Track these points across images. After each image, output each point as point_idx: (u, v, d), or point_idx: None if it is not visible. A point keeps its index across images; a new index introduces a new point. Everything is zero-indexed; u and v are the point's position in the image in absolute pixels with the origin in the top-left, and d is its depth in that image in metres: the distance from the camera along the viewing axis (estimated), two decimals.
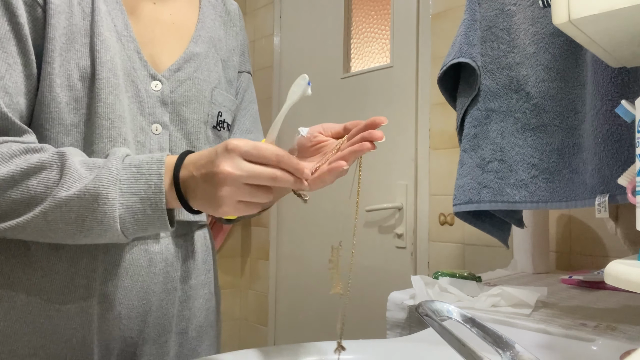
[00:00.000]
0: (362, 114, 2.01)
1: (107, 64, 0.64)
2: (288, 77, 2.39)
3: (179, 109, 0.73)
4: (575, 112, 0.86)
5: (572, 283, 1.07)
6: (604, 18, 0.56)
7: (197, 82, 0.75)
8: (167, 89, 0.71)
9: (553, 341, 0.69)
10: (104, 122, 0.64)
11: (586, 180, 0.82)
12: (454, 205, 1.02)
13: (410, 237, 1.80)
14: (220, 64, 0.81)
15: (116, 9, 0.68)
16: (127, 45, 0.68)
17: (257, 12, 2.59)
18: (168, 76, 0.72)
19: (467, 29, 1.01)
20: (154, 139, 0.70)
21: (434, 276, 0.98)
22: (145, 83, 0.69)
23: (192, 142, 0.75)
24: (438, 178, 1.72)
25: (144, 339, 0.70)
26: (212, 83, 0.77)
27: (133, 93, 0.68)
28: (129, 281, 0.68)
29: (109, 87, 0.64)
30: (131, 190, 0.55)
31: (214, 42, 0.80)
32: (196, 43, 0.76)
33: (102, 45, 0.64)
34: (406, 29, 1.85)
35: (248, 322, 2.57)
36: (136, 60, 0.69)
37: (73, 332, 0.64)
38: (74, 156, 0.56)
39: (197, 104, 0.74)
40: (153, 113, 0.70)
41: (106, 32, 0.65)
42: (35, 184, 0.54)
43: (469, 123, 1.01)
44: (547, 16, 0.88)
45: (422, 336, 0.74)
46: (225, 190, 0.52)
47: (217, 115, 0.78)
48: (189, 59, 0.75)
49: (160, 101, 0.71)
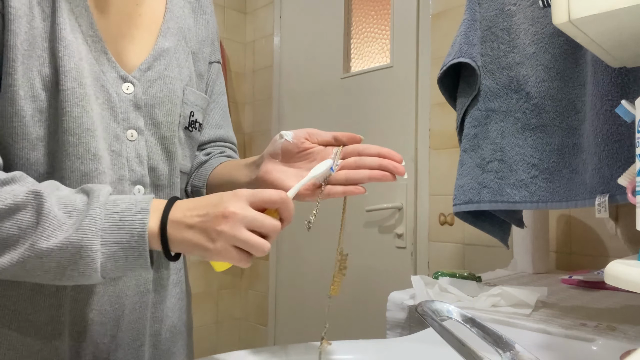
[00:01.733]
0: (362, 113, 2.01)
1: (71, 72, 0.59)
2: (288, 77, 2.39)
3: (151, 112, 0.68)
4: (576, 112, 0.86)
5: (572, 283, 1.07)
6: (604, 18, 0.56)
7: (168, 80, 0.70)
8: (140, 91, 0.67)
9: (553, 341, 0.69)
10: (70, 137, 0.59)
11: (586, 180, 0.82)
12: (454, 205, 1.02)
13: (410, 237, 1.80)
14: (191, 57, 0.76)
15: (80, 5, 0.62)
16: (93, 46, 0.63)
17: (257, 12, 2.59)
18: (139, 77, 0.67)
19: (467, 28, 1.01)
20: (130, 146, 0.66)
21: (434, 276, 0.98)
22: (116, 86, 0.65)
23: (166, 146, 0.71)
24: (438, 178, 1.72)
25: (117, 344, 0.67)
26: (184, 81, 0.73)
27: (104, 99, 0.63)
28: (101, 286, 0.65)
29: (74, 98, 0.59)
30: (113, 238, 0.53)
31: (184, 33, 0.75)
32: (165, 36, 0.71)
33: (66, 51, 0.59)
34: (406, 29, 1.85)
35: (248, 322, 2.58)
36: (104, 61, 0.64)
37: (44, 342, 0.62)
38: (50, 196, 0.52)
39: (170, 105, 0.70)
40: (127, 118, 0.66)
41: (70, 34, 0.60)
42: (9, 225, 0.50)
43: (469, 123, 1.01)
44: (547, 16, 0.88)
45: (422, 336, 0.74)
46: (226, 227, 0.52)
47: (189, 115, 0.74)
48: (159, 56, 0.70)
49: (133, 105, 0.66)
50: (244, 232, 0.52)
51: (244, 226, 0.52)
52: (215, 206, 0.53)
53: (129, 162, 0.66)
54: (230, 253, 0.53)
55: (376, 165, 0.62)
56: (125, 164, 0.65)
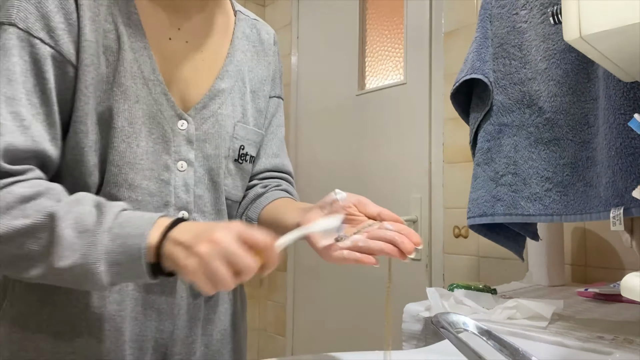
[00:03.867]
0: (377, 129, 2.03)
1: (123, 113, 0.68)
2: (305, 94, 2.43)
3: (202, 146, 0.76)
4: (588, 125, 0.87)
5: (588, 296, 1.07)
6: (615, 34, 0.57)
7: (220, 118, 0.78)
8: (193, 127, 0.75)
9: (570, 354, 0.70)
10: (112, 168, 0.68)
11: (600, 193, 0.83)
12: (468, 218, 1.02)
13: (425, 250, 1.80)
14: (249, 96, 0.84)
15: (144, 55, 0.71)
16: (153, 89, 0.71)
17: (276, 33, 2.64)
18: (194, 115, 0.75)
19: (479, 46, 1.02)
20: (179, 175, 0.74)
21: (450, 288, 0.99)
22: (172, 123, 0.73)
23: (213, 177, 0.78)
24: (452, 191, 1.73)
25: (174, 340, 0.75)
26: (236, 117, 0.80)
27: (159, 134, 0.72)
28: (160, 287, 0.73)
29: (122, 135, 0.68)
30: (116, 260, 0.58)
31: (242, 75, 0.83)
32: (222, 79, 0.79)
33: (122, 95, 0.68)
34: (419, 46, 1.88)
35: (267, 333, 2.59)
36: (163, 102, 0.72)
37: (107, 334, 0.69)
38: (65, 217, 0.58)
39: (219, 140, 0.78)
40: (179, 151, 0.74)
41: (129, 80, 0.69)
42: (30, 242, 0.57)
43: (482, 137, 1.02)
44: (559, 33, 0.89)
45: (438, 348, 0.75)
46: (205, 250, 0.54)
47: (239, 148, 0.81)
48: (214, 96, 0.78)
49: (186, 139, 0.74)
50: (216, 262, 0.54)
51: (221, 256, 0.54)
52: (207, 231, 0.56)
53: (175, 190, 0.73)
54: (198, 276, 0.55)
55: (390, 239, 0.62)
56: (172, 191, 0.73)
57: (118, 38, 0.69)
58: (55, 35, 0.64)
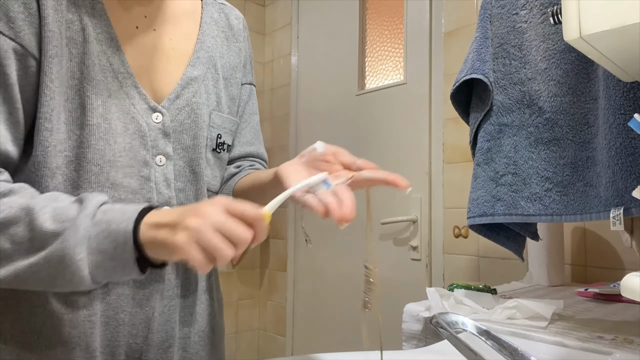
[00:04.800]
0: (377, 129, 2.03)
1: (97, 109, 0.65)
2: (305, 94, 2.44)
3: (179, 137, 0.73)
4: (588, 125, 0.87)
5: (588, 296, 1.07)
6: (615, 34, 0.57)
7: (195, 107, 0.75)
8: (168, 119, 0.72)
9: (570, 354, 0.70)
10: (93, 167, 0.65)
11: (600, 193, 0.83)
12: (468, 218, 1.02)
13: (425, 250, 1.81)
14: (222, 82, 0.81)
15: (112, 46, 0.68)
16: (124, 82, 0.68)
17: (276, 33, 2.65)
18: (167, 106, 0.72)
19: (479, 46, 1.02)
20: (158, 170, 0.71)
21: (450, 288, 0.99)
22: (145, 116, 0.70)
23: (194, 168, 0.75)
24: (452, 191, 1.73)
25: (149, 344, 0.71)
26: (211, 105, 0.78)
27: (134, 129, 0.68)
28: (132, 289, 0.69)
29: (99, 132, 0.65)
30: (100, 247, 0.54)
31: (214, 61, 0.80)
32: (194, 66, 0.76)
33: (94, 90, 0.65)
34: (419, 47, 1.88)
35: (266, 333, 2.59)
36: (135, 95, 0.69)
37: (77, 340, 0.65)
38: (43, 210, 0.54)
39: (196, 130, 0.75)
40: (156, 145, 0.70)
41: (99, 75, 0.66)
42: (3, 240, 0.53)
43: (482, 137, 1.02)
44: (558, 33, 0.89)
45: (438, 348, 0.75)
46: (194, 222, 0.51)
47: (217, 137, 0.79)
48: (187, 85, 0.74)
49: (162, 132, 0.71)
50: (211, 231, 0.50)
51: (213, 228, 0.51)
52: (191, 209, 0.53)
53: (157, 186, 0.70)
54: (192, 250, 0.50)
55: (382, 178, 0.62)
56: (154, 187, 0.70)
57: (83, 29, 0.65)
58: (15, 26, 0.60)
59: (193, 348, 0.77)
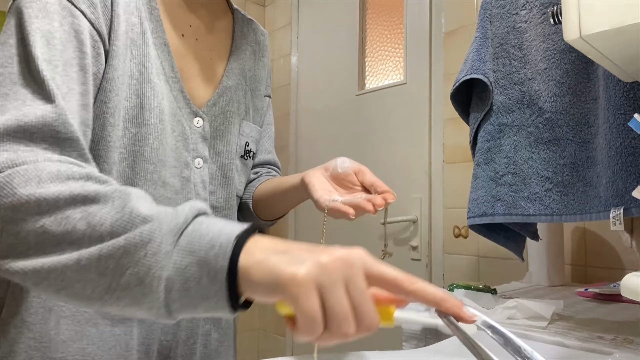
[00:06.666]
0: (377, 129, 2.03)
1: (154, 110, 0.68)
2: (305, 94, 2.44)
3: (214, 143, 0.78)
4: (588, 125, 0.87)
5: (588, 296, 1.07)
6: (614, 34, 0.57)
7: (228, 115, 0.79)
8: (207, 125, 0.76)
9: (570, 354, 0.70)
10: (149, 165, 0.68)
11: (600, 193, 0.83)
12: (468, 218, 1.02)
13: (425, 250, 1.81)
14: (250, 93, 0.86)
15: (165, 51, 0.71)
16: (173, 86, 0.72)
17: (276, 33, 2.65)
18: (207, 112, 0.76)
19: (479, 46, 1.02)
20: (196, 172, 0.75)
21: (450, 288, 0.99)
22: (189, 120, 0.74)
23: (225, 172, 0.80)
24: (452, 191, 1.73)
25: (177, 341, 0.74)
26: (241, 115, 0.83)
27: (179, 132, 0.72)
28: None
29: (155, 132, 0.68)
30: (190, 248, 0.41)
31: (244, 73, 0.85)
32: (228, 77, 0.81)
33: (152, 92, 0.68)
34: (419, 46, 1.88)
35: (267, 333, 2.59)
36: (180, 99, 0.73)
37: (117, 338, 0.68)
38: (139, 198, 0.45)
39: (229, 136, 0.80)
40: (196, 148, 0.75)
41: (155, 77, 0.69)
42: (78, 217, 0.43)
43: (482, 137, 1.02)
44: (558, 33, 0.89)
45: (438, 348, 0.75)
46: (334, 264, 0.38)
47: (245, 145, 0.84)
48: (223, 93, 0.79)
49: (201, 137, 0.75)
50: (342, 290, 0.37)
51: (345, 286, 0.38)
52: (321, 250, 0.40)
53: (195, 187, 0.74)
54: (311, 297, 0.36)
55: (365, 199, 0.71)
56: (193, 189, 0.74)
57: (143, 33, 0.68)
58: (95, 12, 0.61)
59: (213, 345, 0.80)
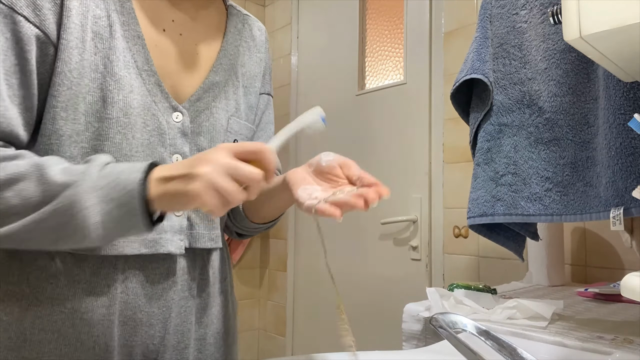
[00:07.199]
0: (377, 129, 2.03)
1: (118, 103, 0.67)
2: (305, 94, 2.44)
3: (197, 139, 0.75)
4: (588, 125, 0.87)
5: (588, 296, 1.07)
6: (614, 34, 0.57)
7: (214, 111, 0.77)
8: (187, 120, 0.74)
9: (570, 354, 0.70)
10: None
11: (600, 193, 0.83)
12: (468, 218, 1.02)
13: (425, 250, 1.81)
14: (241, 90, 0.84)
15: (138, 44, 0.70)
16: (147, 80, 0.70)
17: (276, 32, 2.65)
18: (188, 107, 0.74)
19: (479, 46, 1.02)
20: None
21: (449, 288, 0.99)
22: (166, 115, 0.72)
23: None
24: (452, 191, 1.73)
25: (165, 345, 0.72)
26: (229, 111, 0.80)
27: (154, 126, 0.70)
28: (149, 289, 0.70)
29: (117, 126, 0.67)
30: (110, 195, 0.55)
31: (235, 69, 0.83)
32: (216, 72, 0.79)
33: (116, 85, 0.66)
34: (419, 46, 1.88)
35: (266, 333, 2.60)
36: (157, 93, 0.71)
37: (96, 339, 0.66)
38: (52, 166, 0.57)
39: (214, 133, 0.77)
40: (174, 144, 0.72)
41: (122, 70, 0.67)
42: (11, 195, 0.54)
43: (482, 137, 1.02)
44: (558, 33, 0.89)
45: (438, 348, 0.75)
46: (207, 169, 0.53)
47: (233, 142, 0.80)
48: (208, 89, 0.77)
49: (181, 132, 0.73)
50: (222, 175, 0.53)
51: (224, 172, 0.53)
52: (198, 157, 0.56)
53: None
54: (208, 195, 0.53)
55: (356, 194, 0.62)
56: None
57: (110, 26, 0.68)
58: (40, 14, 0.62)
59: (208, 350, 0.78)
